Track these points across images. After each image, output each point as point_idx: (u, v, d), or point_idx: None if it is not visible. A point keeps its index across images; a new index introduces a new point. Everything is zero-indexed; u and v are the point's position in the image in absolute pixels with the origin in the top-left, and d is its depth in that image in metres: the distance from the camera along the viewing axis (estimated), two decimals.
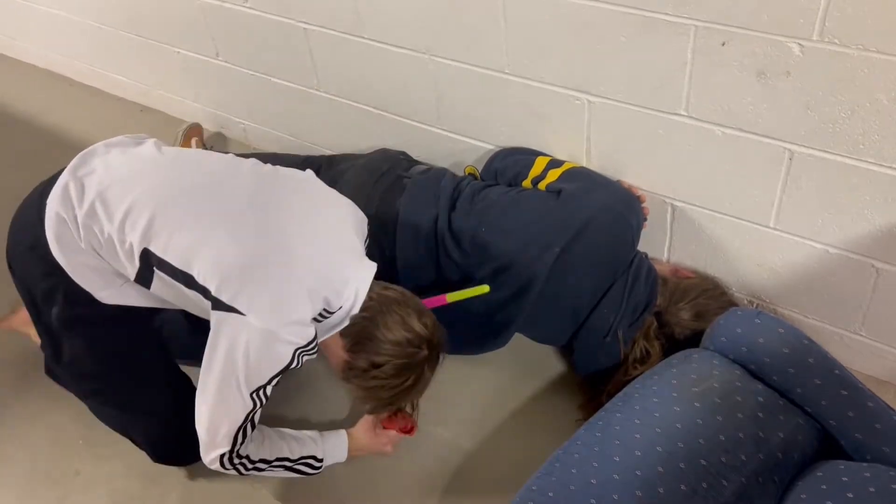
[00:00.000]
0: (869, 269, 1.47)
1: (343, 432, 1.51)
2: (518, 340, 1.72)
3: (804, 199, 1.46)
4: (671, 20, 1.37)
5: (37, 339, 1.54)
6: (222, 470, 1.32)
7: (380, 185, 1.78)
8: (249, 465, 1.35)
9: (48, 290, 1.37)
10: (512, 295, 1.61)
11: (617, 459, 1.21)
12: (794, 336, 1.34)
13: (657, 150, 1.58)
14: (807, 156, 1.39)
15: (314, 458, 1.44)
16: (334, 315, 1.30)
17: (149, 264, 1.27)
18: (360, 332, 1.32)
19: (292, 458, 1.41)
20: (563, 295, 1.59)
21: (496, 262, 1.61)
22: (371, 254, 1.75)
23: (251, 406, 1.26)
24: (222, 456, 1.30)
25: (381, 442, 1.53)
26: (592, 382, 1.63)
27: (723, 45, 1.34)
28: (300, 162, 2.07)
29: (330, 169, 1.95)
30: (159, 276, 1.28)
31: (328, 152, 2.18)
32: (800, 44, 1.27)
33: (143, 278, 1.30)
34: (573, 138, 1.68)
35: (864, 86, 1.26)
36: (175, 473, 1.58)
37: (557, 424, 1.59)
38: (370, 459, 1.56)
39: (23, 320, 1.74)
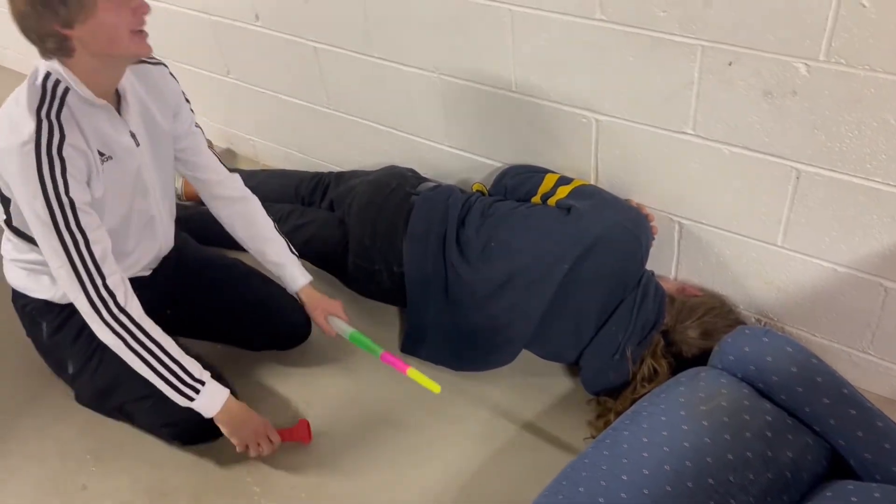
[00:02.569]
0: (877, 287, 1.47)
1: (228, 392, 1.47)
2: (526, 357, 1.72)
3: (812, 218, 1.46)
4: (678, 40, 1.38)
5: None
6: (111, 338, 1.35)
7: (388, 201, 1.79)
8: (133, 328, 1.35)
9: (24, 318, 1.57)
10: (518, 310, 1.62)
11: (625, 478, 1.21)
12: (803, 355, 1.34)
13: (665, 168, 1.58)
14: (814, 175, 1.40)
15: (193, 376, 1.41)
16: None
17: None
18: None
19: (174, 356, 1.39)
20: (571, 312, 1.60)
21: (504, 278, 1.61)
22: (378, 269, 1.77)
23: (56, 219, 1.28)
24: (102, 312, 1.33)
25: (253, 431, 1.49)
26: (600, 400, 1.62)
27: (729, 64, 1.35)
28: (309, 178, 2.09)
29: (339, 185, 1.97)
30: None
31: (337, 169, 2.20)
32: (806, 64, 1.28)
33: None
34: (581, 156, 1.69)
35: (872, 106, 1.27)
36: (182, 488, 1.58)
37: (565, 442, 1.58)
38: (373, 473, 1.56)
39: None
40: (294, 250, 1.73)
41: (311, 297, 1.70)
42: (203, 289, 1.71)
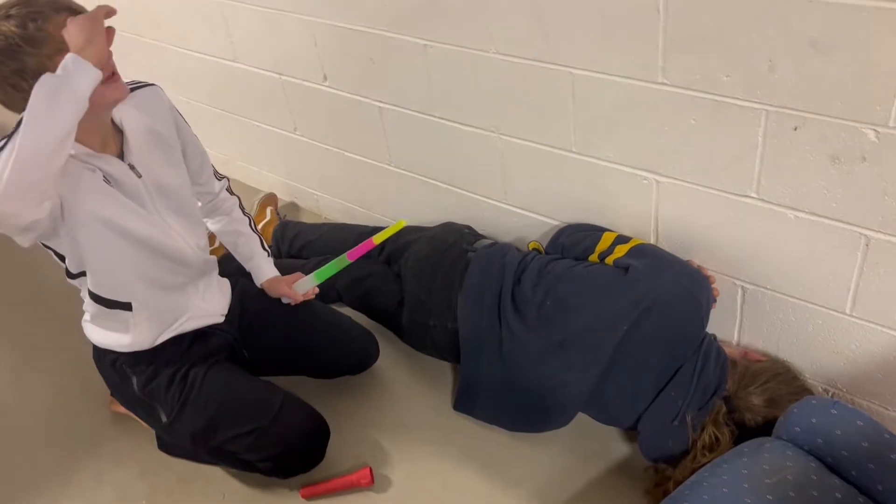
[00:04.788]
0: None
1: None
2: (581, 419, 1.69)
3: (883, 286, 1.41)
4: (742, 104, 1.38)
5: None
6: None
7: (445, 257, 1.81)
8: None
9: (113, 374, 1.60)
10: (575, 371, 1.60)
11: None
12: (874, 429, 1.28)
13: (727, 231, 1.56)
14: (884, 242, 1.36)
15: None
16: None
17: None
18: None
19: None
20: (629, 375, 1.57)
21: (560, 337, 1.60)
22: (433, 325, 1.78)
23: None
24: None
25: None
26: (659, 468, 1.57)
27: (795, 129, 1.34)
28: (368, 232, 2.13)
29: (396, 240, 2.00)
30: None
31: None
32: (875, 130, 1.26)
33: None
34: (640, 216, 1.69)
35: None
36: None
37: None
38: None
39: None
40: (267, 248, 1.79)
41: (273, 281, 1.76)
42: (271, 325, 1.75)
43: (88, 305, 1.54)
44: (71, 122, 1.15)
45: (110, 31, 1.24)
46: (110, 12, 1.22)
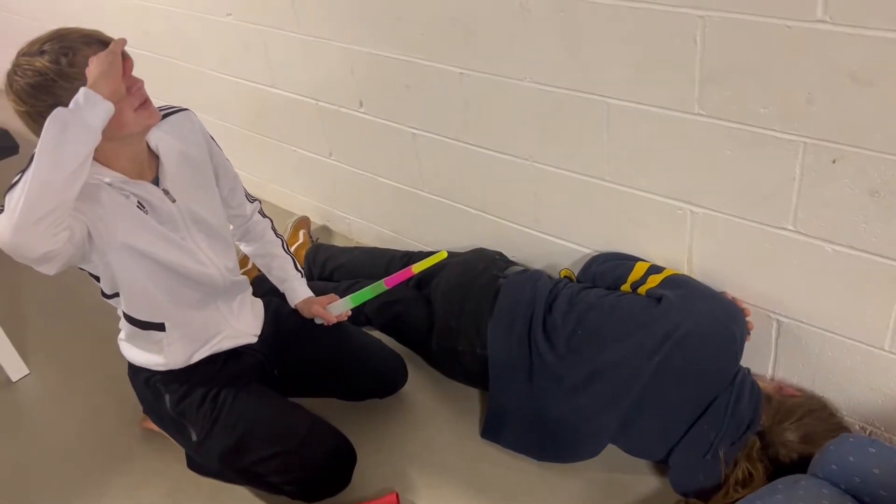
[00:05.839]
0: None
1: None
2: (610, 451, 1.66)
3: None
4: (779, 136, 1.37)
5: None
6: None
7: (475, 282, 1.81)
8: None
9: (147, 391, 1.62)
10: (605, 402, 1.58)
11: None
12: None
13: (763, 263, 1.55)
14: None
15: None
16: None
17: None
18: None
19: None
20: (661, 407, 1.55)
21: (591, 367, 1.59)
22: (462, 350, 1.78)
23: None
24: None
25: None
26: (689, 503, 1.55)
27: (833, 162, 1.33)
28: (399, 256, 2.14)
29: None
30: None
31: (426, 249, 2.25)
32: None
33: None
34: (674, 247, 1.68)
35: None
36: None
37: None
38: None
39: None
40: (300, 268, 1.81)
41: (307, 301, 1.77)
42: (303, 346, 1.77)
43: (123, 325, 1.57)
44: (82, 155, 1.17)
45: (128, 62, 1.28)
46: (121, 43, 1.25)
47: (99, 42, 1.30)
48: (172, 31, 2.59)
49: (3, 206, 1.19)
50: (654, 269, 1.68)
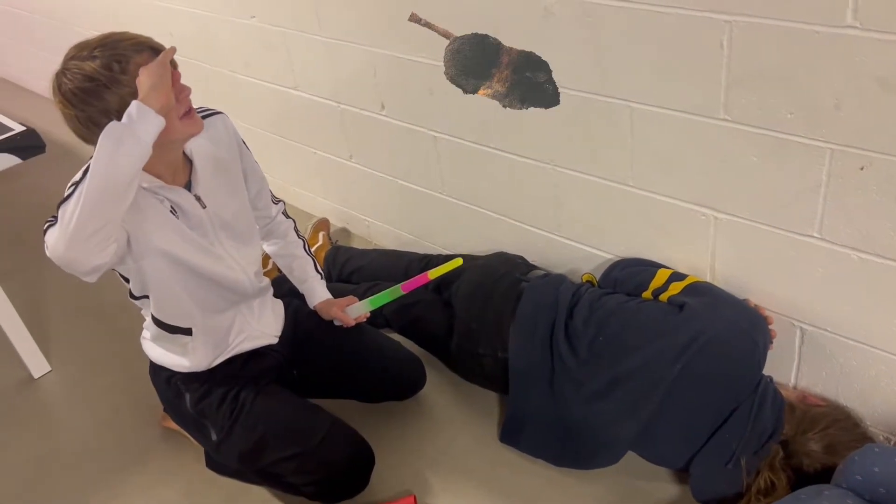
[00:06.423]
0: None
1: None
2: (630, 458, 1.65)
3: None
4: (805, 142, 1.36)
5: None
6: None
7: (497, 286, 1.81)
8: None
9: (168, 390, 1.62)
10: (626, 409, 1.57)
11: None
12: None
13: (787, 270, 1.53)
14: None
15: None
16: None
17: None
18: None
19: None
20: (682, 415, 1.54)
21: (612, 373, 1.58)
22: (482, 353, 1.77)
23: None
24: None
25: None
26: None
27: (861, 169, 1.32)
28: (418, 259, 2.15)
29: None
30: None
31: (446, 252, 2.25)
32: None
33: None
34: (696, 253, 1.67)
35: None
36: None
37: None
38: None
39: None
40: (320, 270, 1.81)
41: (326, 303, 1.78)
42: (322, 347, 1.77)
43: (149, 326, 1.58)
44: (135, 169, 1.19)
45: (176, 74, 1.30)
46: (171, 52, 1.27)
47: (150, 49, 1.31)
48: (197, 33, 2.61)
49: (56, 217, 1.21)
50: (677, 277, 1.67)
